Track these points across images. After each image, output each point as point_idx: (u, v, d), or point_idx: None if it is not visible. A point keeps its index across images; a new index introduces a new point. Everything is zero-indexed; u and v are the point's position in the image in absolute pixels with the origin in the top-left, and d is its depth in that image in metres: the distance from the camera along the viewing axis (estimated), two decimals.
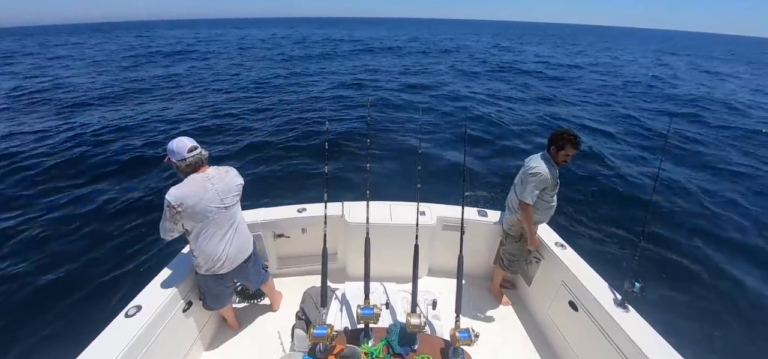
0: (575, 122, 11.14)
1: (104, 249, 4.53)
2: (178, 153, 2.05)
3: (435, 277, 3.35)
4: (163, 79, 15.70)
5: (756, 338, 3.79)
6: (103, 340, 1.86)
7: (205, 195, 2.08)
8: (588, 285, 2.44)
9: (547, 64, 25.38)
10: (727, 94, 16.92)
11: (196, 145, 2.11)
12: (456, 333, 1.67)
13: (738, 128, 11.19)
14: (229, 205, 2.23)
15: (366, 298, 1.91)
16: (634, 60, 32.15)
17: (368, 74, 18.66)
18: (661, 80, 20.22)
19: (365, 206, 2.25)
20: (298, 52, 29.36)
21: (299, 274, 3.35)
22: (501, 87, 16.32)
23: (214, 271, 2.25)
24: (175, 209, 1.99)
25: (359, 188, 5.38)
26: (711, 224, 5.86)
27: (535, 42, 51.92)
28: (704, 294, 4.38)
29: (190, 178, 2.08)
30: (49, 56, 25.95)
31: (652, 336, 2.04)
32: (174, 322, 2.22)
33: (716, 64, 32.52)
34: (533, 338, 2.85)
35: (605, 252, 4.91)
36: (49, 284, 3.98)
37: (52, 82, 14.97)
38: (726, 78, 23.46)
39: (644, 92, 16.87)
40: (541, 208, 2.67)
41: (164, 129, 8.87)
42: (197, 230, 2.13)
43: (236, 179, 2.31)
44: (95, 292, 3.85)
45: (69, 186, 6.02)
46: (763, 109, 14.24)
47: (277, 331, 2.75)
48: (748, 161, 8.57)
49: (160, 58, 24.21)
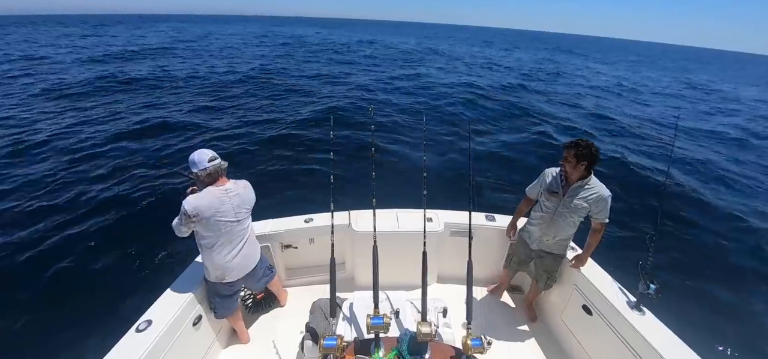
0: (577, 127, 11.07)
1: (113, 262, 4.56)
2: (199, 164, 2.12)
3: (444, 284, 3.32)
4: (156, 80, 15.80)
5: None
6: (114, 356, 1.87)
7: (221, 207, 2.15)
8: (601, 289, 2.39)
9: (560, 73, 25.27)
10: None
11: (215, 155, 2.17)
12: (468, 341, 1.65)
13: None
14: (242, 218, 2.30)
15: (375, 307, 1.90)
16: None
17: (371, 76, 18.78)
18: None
19: (372, 214, 2.25)
20: (295, 53, 29.52)
21: (308, 284, 3.34)
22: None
23: (222, 279, 2.33)
24: (190, 217, 2.07)
25: (365, 196, 5.34)
26: (727, 220, 5.74)
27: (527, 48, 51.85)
28: (723, 292, 4.26)
29: (208, 190, 2.15)
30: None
31: (670, 339, 1.99)
32: (184, 336, 2.22)
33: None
34: (547, 344, 2.80)
35: (617, 254, 4.82)
36: (57, 296, 4.01)
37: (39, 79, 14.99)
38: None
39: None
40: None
41: (167, 137, 8.93)
42: (209, 239, 2.20)
43: (251, 194, 2.39)
44: (105, 305, 3.86)
45: (75, 195, 6.11)
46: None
47: (286, 343, 2.74)
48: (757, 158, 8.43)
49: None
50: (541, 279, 2.75)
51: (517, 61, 31.69)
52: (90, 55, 22.28)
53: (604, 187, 2.33)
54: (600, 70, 30.13)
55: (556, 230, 2.51)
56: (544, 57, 38.13)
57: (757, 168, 8.57)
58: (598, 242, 2.48)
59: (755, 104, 18.82)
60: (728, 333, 3.71)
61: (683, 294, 4.15)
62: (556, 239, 2.56)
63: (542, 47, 58.76)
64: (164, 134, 9.15)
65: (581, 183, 2.32)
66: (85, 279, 4.29)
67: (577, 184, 2.34)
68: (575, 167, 2.28)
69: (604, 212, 2.32)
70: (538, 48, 55.61)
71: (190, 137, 9.00)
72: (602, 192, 2.30)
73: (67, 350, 3.38)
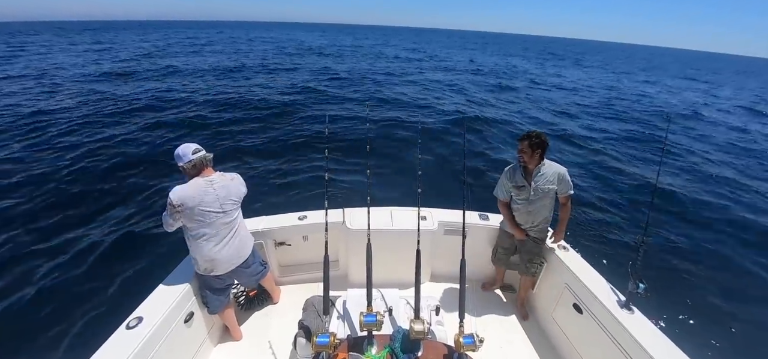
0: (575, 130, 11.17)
1: (104, 259, 4.51)
2: (184, 156, 2.18)
3: (437, 282, 3.33)
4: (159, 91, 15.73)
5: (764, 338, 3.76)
6: (104, 352, 1.85)
7: (205, 198, 2.17)
8: (592, 287, 2.42)
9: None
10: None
11: (199, 148, 2.24)
12: (460, 339, 1.66)
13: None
14: (228, 210, 2.30)
15: (368, 305, 1.90)
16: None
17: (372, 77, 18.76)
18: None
19: (366, 212, 2.25)
20: (295, 55, 29.40)
21: (301, 282, 3.33)
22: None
23: (211, 272, 2.34)
24: (175, 207, 2.11)
25: (360, 193, 5.40)
26: (715, 220, 5.86)
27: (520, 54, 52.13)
28: (709, 292, 4.35)
29: (193, 180, 2.19)
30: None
31: (658, 337, 2.03)
32: (175, 333, 2.20)
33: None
34: (538, 342, 2.83)
35: (608, 254, 4.90)
36: (47, 294, 3.95)
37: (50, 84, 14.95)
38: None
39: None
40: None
41: (162, 134, 8.85)
42: (195, 231, 2.22)
43: (240, 187, 2.40)
44: (95, 303, 3.82)
45: (67, 194, 6.02)
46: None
47: (279, 340, 2.73)
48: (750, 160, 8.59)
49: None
50: (525, 264, 2.88)
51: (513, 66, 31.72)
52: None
53: (559, 165, 2.61)
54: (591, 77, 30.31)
55: (533, 217, 2.71)
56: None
57: (751, 167, 8.70)
58: (569, 214, 2.73)
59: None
60: (716, 331, 3.79)
61: (672, 294, 4.23)
62: (535, 225, 2.74)
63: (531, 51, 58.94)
64: (158, 131, 9.07)
65: (538, 168, 2.58)
66: (77, 276, 4.23)
67: (535, 170, 2.59)
68: (531, 156, 2.54)
69: (566, 185, 2.59)
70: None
71: (183, 135, 8.95)
72: (559, 170, 2.59)
73: (56, 347, 3.34)
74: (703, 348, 3.56)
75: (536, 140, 2.50)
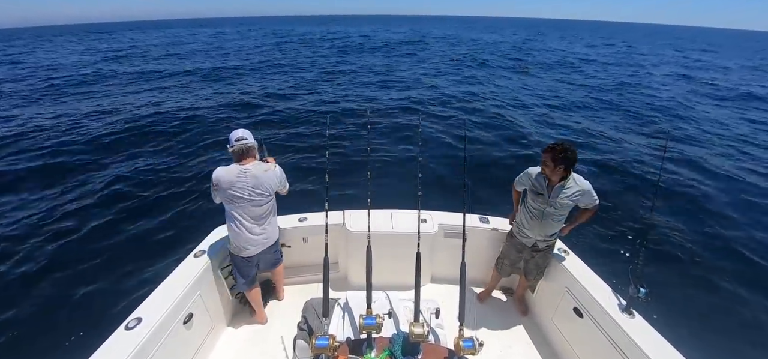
0: (574, 128, 11.15)
1: (104, 259, 4.51)
2: (230, 141, 2.38)
3: (437, 285, 3.33)
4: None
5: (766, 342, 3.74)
6: (103, 353, 1.84)
7: (236, 183, 2.33)
8: (593, 291, 2.41)
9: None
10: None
11: (243, 136, 2.37)
12: (460, 342, 1.65)
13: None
14: (255, 199, 2.41)
15: (368, 307, 1.90)
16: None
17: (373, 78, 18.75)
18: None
19: (366, 214, 2.24)
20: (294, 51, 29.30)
21: (301, 283, 3.33)
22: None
23: (241, 253, 2.52)
24: (213, 184, 2.35)
25: (360, 196, 5.37)
26: (718, 224, 5.82)
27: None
28: (711, 297, 4.32)
29: (233, 165, 2.37)
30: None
31: (659, 342, 2.02)
32: (174, 334, 2.20)
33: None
34: (538, 346, 2.82)
35: (609, 258, 4.87)
36: (47, 294, 3.95)
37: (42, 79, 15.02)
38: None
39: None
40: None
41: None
42: (228, 212, 2.44)
43: (272, 179, 2.48)
44: (95, 303, 3.82)
45: (67, 188, 6.03)
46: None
47: (278, 342, 2.73)
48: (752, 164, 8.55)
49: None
50: (532, 273, 2.84)
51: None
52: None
53: (584, 180, 2.45)
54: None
55: (546, 228, 2.60)
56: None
57: (755, 165, 8.61)
58: (588, 219, 2.62)
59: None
60: (718, 337, 3.76)
61: (674, 298, 4.21)
62: (546, 236, 2.66)
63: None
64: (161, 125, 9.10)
65: (562, 184, 2.42)
66: (77, 276, 4.23)
67: (559, 185, 2.43)
68: (554, 170, 2.37)
69: (591, 199, 2.46)
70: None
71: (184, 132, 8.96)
72: (584, 186, 2.42)
73: (55, 347, 3.33)
74: (705, 353, 3.53)
75: (561, 155, 2.30)
